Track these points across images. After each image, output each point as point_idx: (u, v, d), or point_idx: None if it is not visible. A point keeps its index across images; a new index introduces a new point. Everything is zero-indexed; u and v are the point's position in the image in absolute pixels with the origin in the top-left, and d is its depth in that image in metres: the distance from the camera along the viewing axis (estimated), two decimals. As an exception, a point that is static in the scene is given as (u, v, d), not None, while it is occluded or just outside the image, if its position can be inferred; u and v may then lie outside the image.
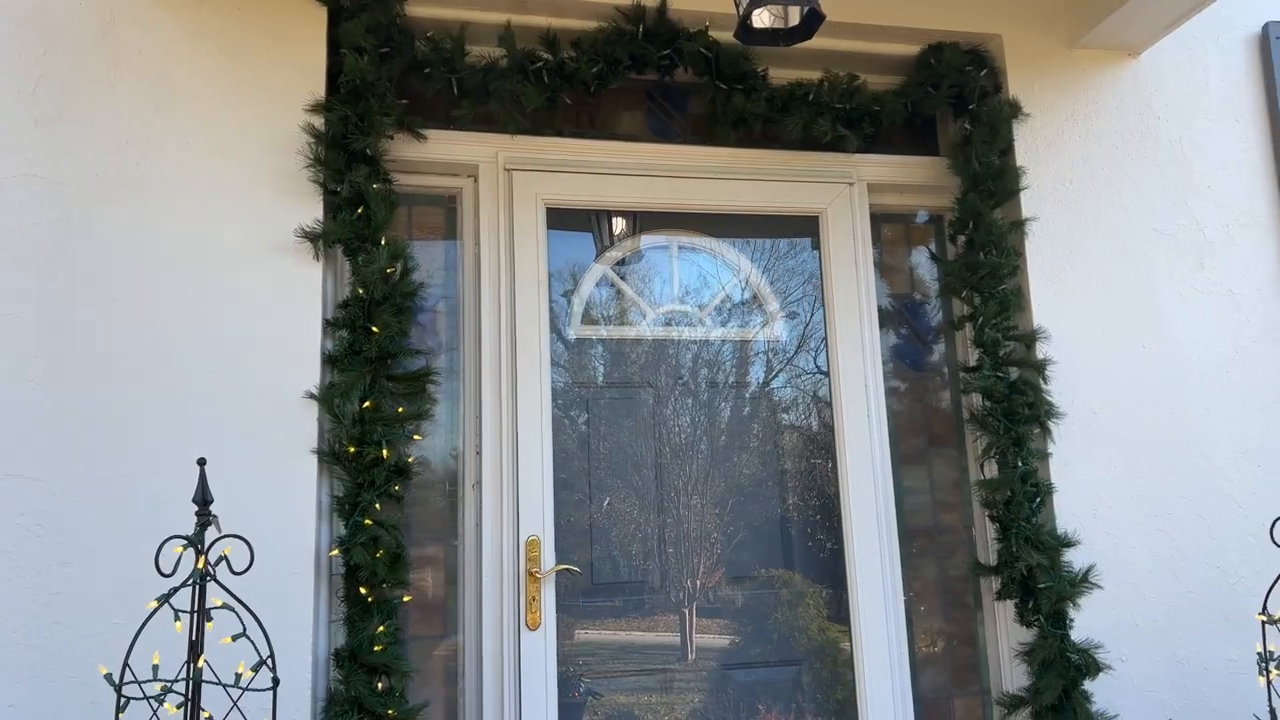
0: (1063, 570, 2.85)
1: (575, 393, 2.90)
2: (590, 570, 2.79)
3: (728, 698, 2.85)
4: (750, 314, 3.09)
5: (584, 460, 2.86)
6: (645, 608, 2.82)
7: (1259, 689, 2.89)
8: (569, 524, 2.79)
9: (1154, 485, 3.02)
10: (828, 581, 2.98)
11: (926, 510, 3.16)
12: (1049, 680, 2.77)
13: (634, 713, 2.76)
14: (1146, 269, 3.15)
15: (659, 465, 2.92)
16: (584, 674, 2.75)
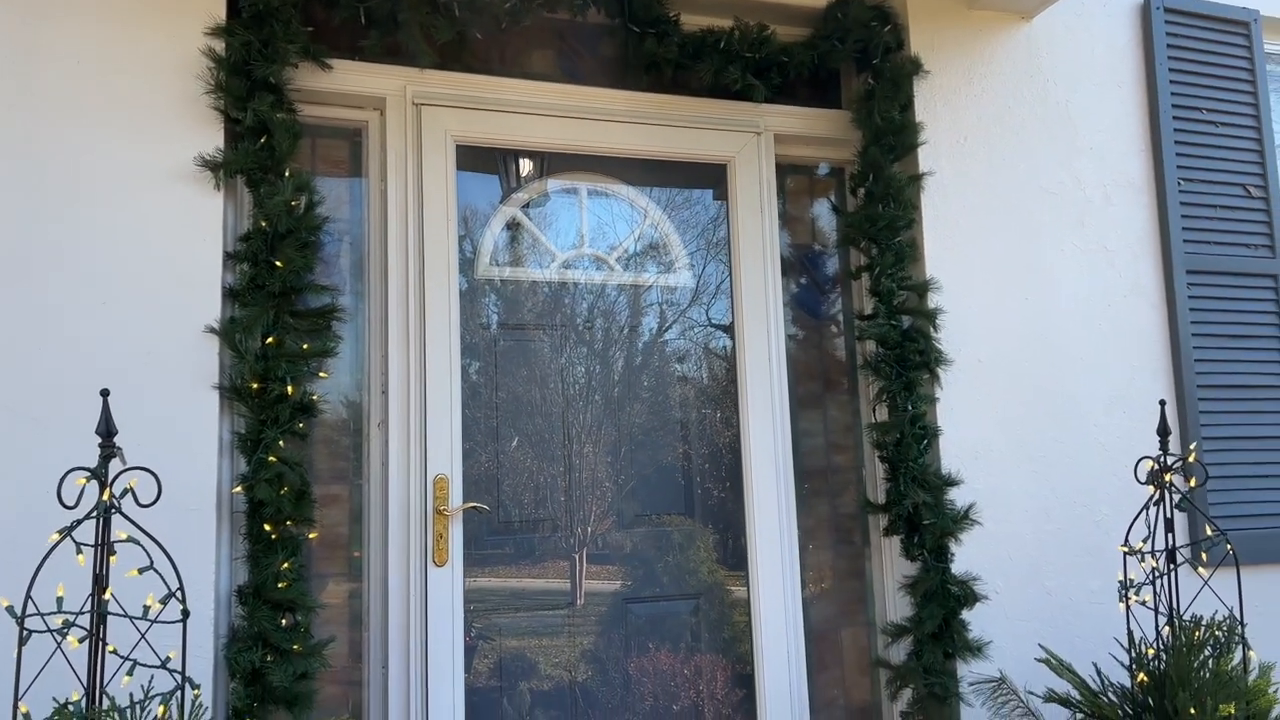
0: (946, 508, 3.02)
1: (481, 334, 2.90)
2: (498, 509, 2.82)
3: (619, 638, 2.94)
4: (656, 261, 3.14)
5: (490, 402, 2.88)
6: (537, 554, 2.87)
7: (1117, 616, 3.14)
8: (472, 465, 2.81)
9: (1032, 430, 3.22)
10: (719, 526, 3.08)
11: (821, 452, 3.30)
12: (930, 610, 2.95)
13: (524, 655, 2.83)
14: (1032, 225, 3.32)
15: (565, 406, 2.95)
16: (475, 619, 2.79)
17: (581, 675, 2.86)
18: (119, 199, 2.41)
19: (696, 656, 2.99)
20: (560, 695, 2.83)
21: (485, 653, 2.79)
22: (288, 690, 2.34)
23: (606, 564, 2.96)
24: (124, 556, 1.95)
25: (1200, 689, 2.27)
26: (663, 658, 2.97)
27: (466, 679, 2.73)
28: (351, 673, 2.67)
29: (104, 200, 2.40)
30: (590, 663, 2.89)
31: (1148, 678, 2.42)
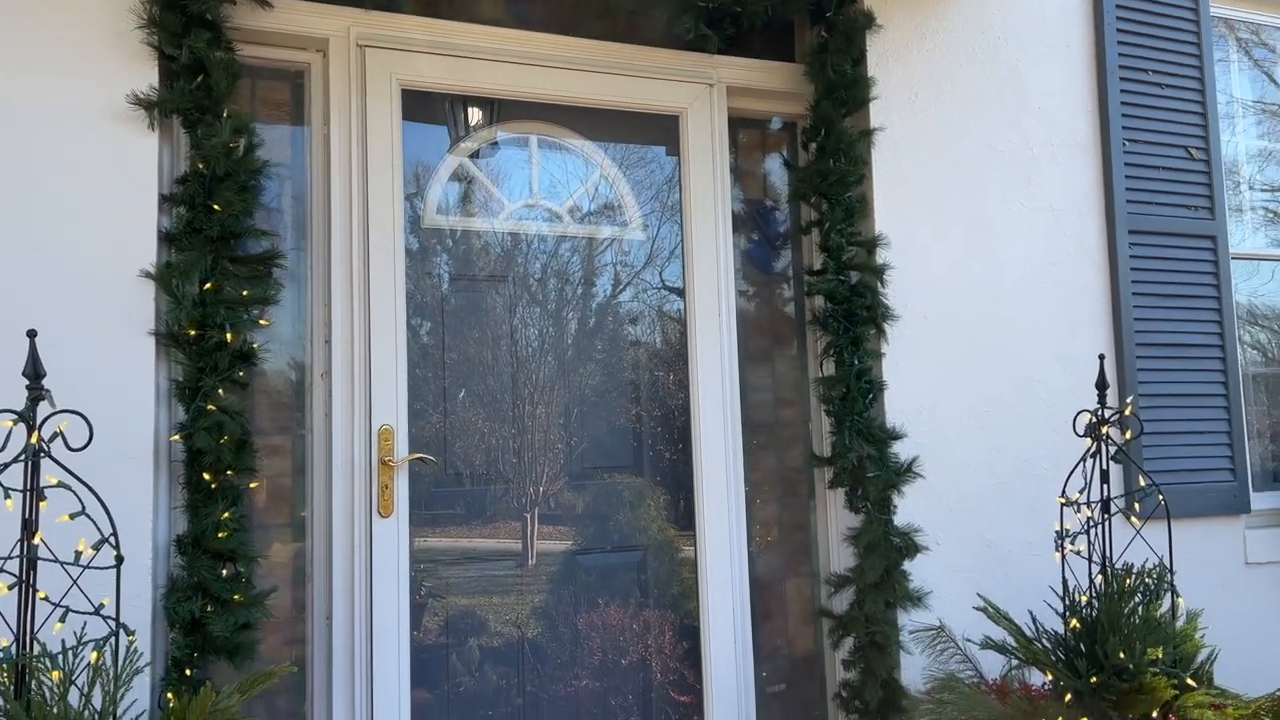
0: (890, 461, 3.06)
1: (429, 285, 2.86)
2: (446, 465, 2.80)
3: (569, 594, 2.95)
4: (610, 218, 3.11)
5: (438, 357, 2.84)
6: (488, 513, 2.86)
7: (1053, 567, 3.22)
8: (421, 421, 2.78)
9: (975, 385, 3.27)
10: (669, 484, 3.09)
11: (769, 407, 3.32)
12: (873, 561, 3.00)
13: (474, 612, 2.83)
14: (980, 183, 3.35)
15: (516, 363, 2.93)
16: (425, 577, 2.79)
17: (531, 631, 2.88)
18: (49, 137, 2.32)
19: (645, 611, 3.01)
20: (510, 651, 2.84)
21: (435, 610, 2.79)
22: (229, 640, 2.32)
23: (558, 523, 2.96)
24: (56, 503, 1.90)
25: (1130, 634, 2.34)
26: (612, 613, 2.99)
27: (416, 636, 2.73)
28: (295, 624, 2.65)
29: (32, 139, 2.31)
30: (540, 619, 2.90)
31: (1080, 624, 2.48)
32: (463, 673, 2.80)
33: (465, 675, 2.80)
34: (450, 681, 2.78)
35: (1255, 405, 3.93)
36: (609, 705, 2.94)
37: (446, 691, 2.77)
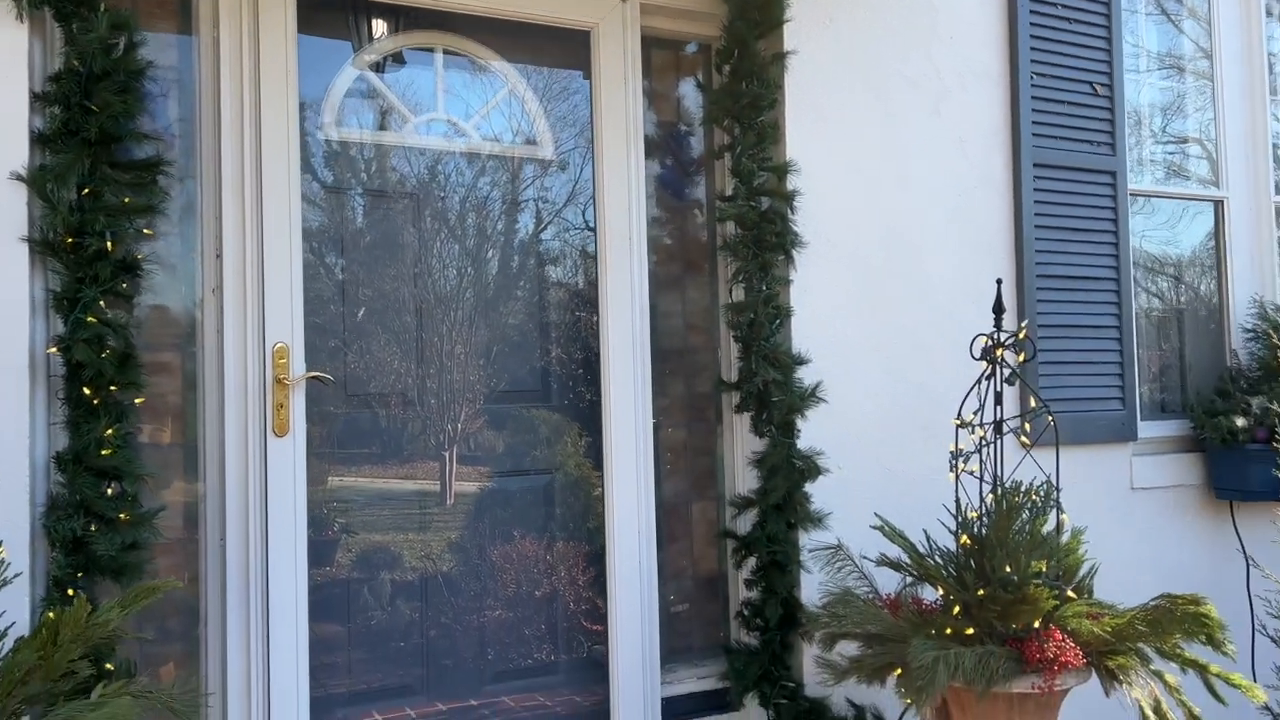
0: (794, 386, 3.10)
1: (325, 200, 2.76)
2: (344, 382, 2.74)
3: (484, 527, 2.94)
4: (516, 132, 3.03)
5: (337, 273, 2.76)
6: (404, 454, 2.82)
7: (949, 491, 3.31)
8: (319, 338, 2.71)
9: (881, 313, 3.31)
10: (587, 424, 3.08)
11: (679, 333, 3.32)
12: (776, 483, 3.05)
13: (389, 548, 2.81)
14: (891, 111, 3.35)
15: (417, 279, 2.86)
16: (338, 515, 2.75)
17: (446, 565, 2.87)
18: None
19: (560, 543, 3.02)
20: (424, 584, 2.83)
21: (349, 545, 2.77)
22: (115, 560, 2.25)
23: (475, 455, 2.92)
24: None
25: (1016, 549, 2.43)
26: (527, 545, 2.99)
27: (329, 570, 2.71)
28: (189, 547, 2.58)
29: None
30: (455, 552, 2.90)
31: (971, 540, 2.57)
32: (375, 606, 2.78)
33: (378, 609, 2.78)
34: (363, 614, 2.76)
35: (1146, 339, 4.08)
36: (523, 634, 2.95)
37: (359, 624, 2.75)
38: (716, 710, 3.22)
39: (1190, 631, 2.23)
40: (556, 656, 2.99)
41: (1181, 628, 2.23)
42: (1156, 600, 2.37)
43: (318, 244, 2.74)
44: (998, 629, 2.43)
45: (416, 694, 2.82)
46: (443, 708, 2.85)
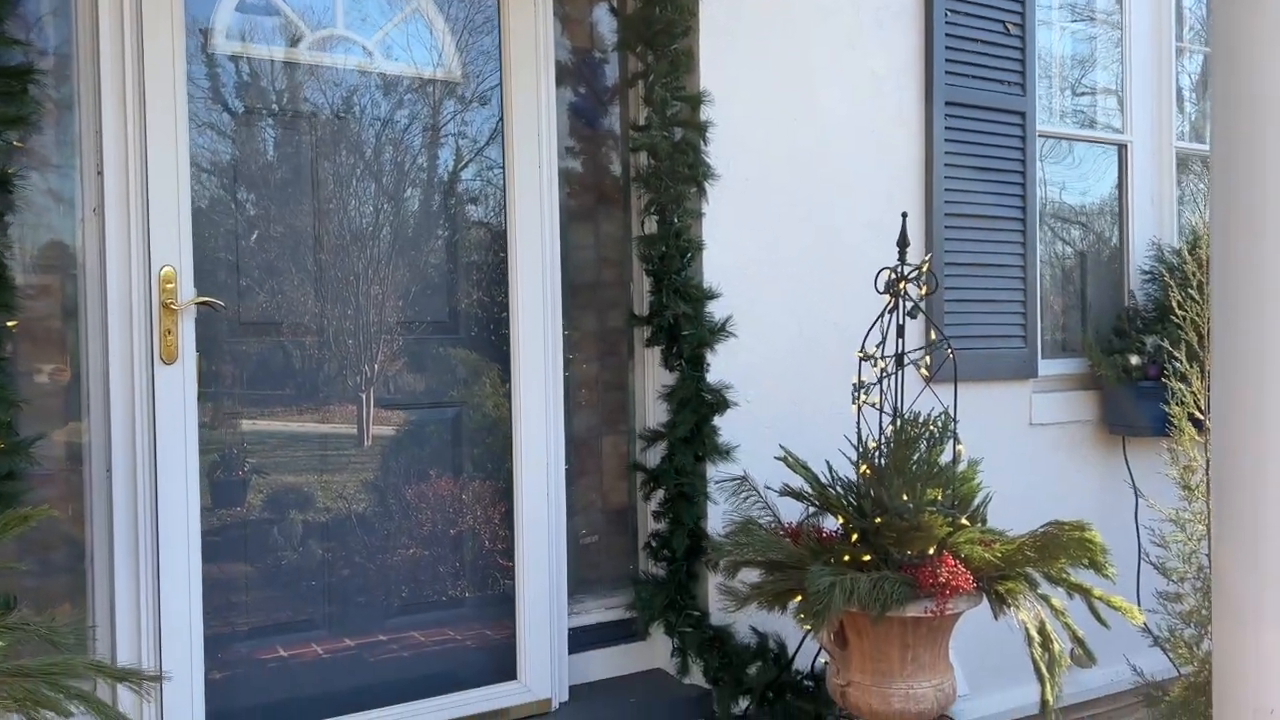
0: (705, 320, 3.10)
1: (217, 119, 2.63)
2: (238, 307, 2.64)
3: (397, 467, 2.89)
4: (417, 44, 2.92)
5: (231, 194, 2.65)
6: (312, 390, 2.75)
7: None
8: (208, 260, 2.60)
9: (792, 247, 3.31)
10: (505, 363, 3.02)
11: (591, 266, 3.28)
12: (684, 416, 3.06)
13: (302, 489, 2.75)
14: (807, 44, 3.32)
15: (315, 199, 2.76)
16: (249, 455, 2.69)
17: (356, 504, 2.82)
18: None
19: (474, 479, 2.99)
20: (332, 523, 2.78)
21: (259, 487, 2.71)
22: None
23: (383, 390, 2.86)
24: None
25: (912, 477, 2.48)
26: (441, 483, 2.96)
27: (239, 511, 2.65)
28: (72, 476, 2.48)
29: None
30: (366, 491, 2.85)
31: (870, 470, 2.61)
32: (285, 545, 2.72)
33: (288, 549, 2.72)
34: (272, 554, 2.71)
35: (1051, 280, 4.17)
36: (435, 571, 2.93)
37: (269, 563, 2.71)
38: (624, 640, 3.26)
39: (1074, 556, 2.31)
40: (468, 592, 2.98)
41: (1067, 553, 2.31)
42: (1045, 527, 2.45)
43: (212, 166, 2.61)
44: (894, 556, 2.49)
45: (323, 629, 2.79)
46: (350, 643, 2.82)
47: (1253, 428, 1.90)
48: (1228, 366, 1.95)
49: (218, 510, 2.63)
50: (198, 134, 2.57)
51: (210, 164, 2.61)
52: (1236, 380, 1.94)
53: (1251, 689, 1.94)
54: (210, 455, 2.61)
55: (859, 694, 2.57)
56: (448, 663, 2.92)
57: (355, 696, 2.76)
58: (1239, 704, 1.97)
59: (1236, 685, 1.98)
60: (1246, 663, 1.96)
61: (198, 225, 2.55)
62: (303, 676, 2.73)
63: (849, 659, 2.61)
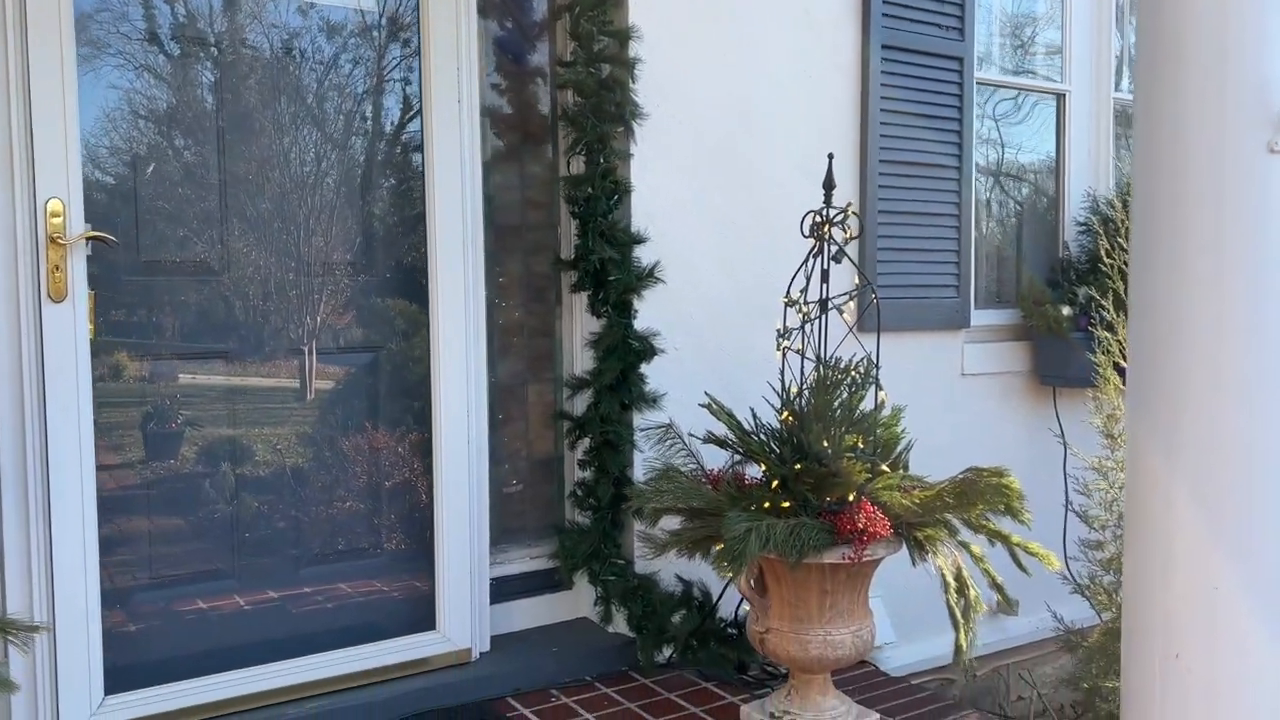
0: (632, 265, 3.02)
1: (115, 43, 2.48)
2: (136, 244, 2.51)
3: (326, 419, 2.80)
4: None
5: (131, 122, 2.50)
6: (227, 336, 2.63)
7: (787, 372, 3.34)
8: (101, 192, 2.46)
9: (722, 192, 3.24)
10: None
11: (517, 208, 3.18)
12: (610, 364, 2.99)
13: (240, 441, 2.66)
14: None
15: (221, 141, 2.62)
16: (184, 408, 2.59)
17: (280, 456, 2.72)
18: None
19: (405, 430, 2.90)
20: (254, 476, 2.69)
21: (192, 439, 2.61)
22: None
23: (305, 335, 2.75)
24: None
25: (831, 423, 2.44)
26: (373, 435, 2.87)
27: (171, 464, 2.56)
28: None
29: None
30: (307, 445, 2.77)
31: (791, 416, 2.57)
32: (217, 499, 2.62)
33: (221, 502, 2.63)
34: (205, 508, 2.62)
35: (986, 230, 4.16)
36: (363, 523, 2.85)
37: (201, 517, 2.62)
38: (549, 589, 3.22)
39: (991, 503, 2.30)
40: (389, 542, 2.91)
41: (984, 499, 2.29)
42: (964, 473, 2.43)
43: (103, 93, 2.46)
44: (812, 502, 2.46)
45: (245, 581, 2.70)
46: (274, 595, 2.74)
47: (1168, 372, 1.89)
48: (1144, 306, 1.93)
49: (123, 457, 2.52)
50: (101, 64, 2.42)
51: (98, 89, 2.46)
52: (1151, 320, 1.92)
53: (1160, 635, 1.95)
54: (110, 398, 2.49)
55: (777, 641, 2.55)
56: (369, 613, 2.86)
57: (273, 647, 2.69)
58: (1148, 650, 1.98)
59: (1145, 632, 1.99)
60: (1154, 612, 1.97)
61: (101, 160, 2.41)
62: (220, 628, 2.65)
63: (768, 606, 2.59)
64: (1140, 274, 1.92)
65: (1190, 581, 1.89)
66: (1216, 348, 1.82)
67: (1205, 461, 1.85)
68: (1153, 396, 1.93)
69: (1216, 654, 1.88)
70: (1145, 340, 1.95)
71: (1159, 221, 1.88)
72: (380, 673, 2.77)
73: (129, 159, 2.50)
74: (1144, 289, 1.91)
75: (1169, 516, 1.91)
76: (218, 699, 2.53)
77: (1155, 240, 1.89)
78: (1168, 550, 1.93)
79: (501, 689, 2.87)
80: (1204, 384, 1.85)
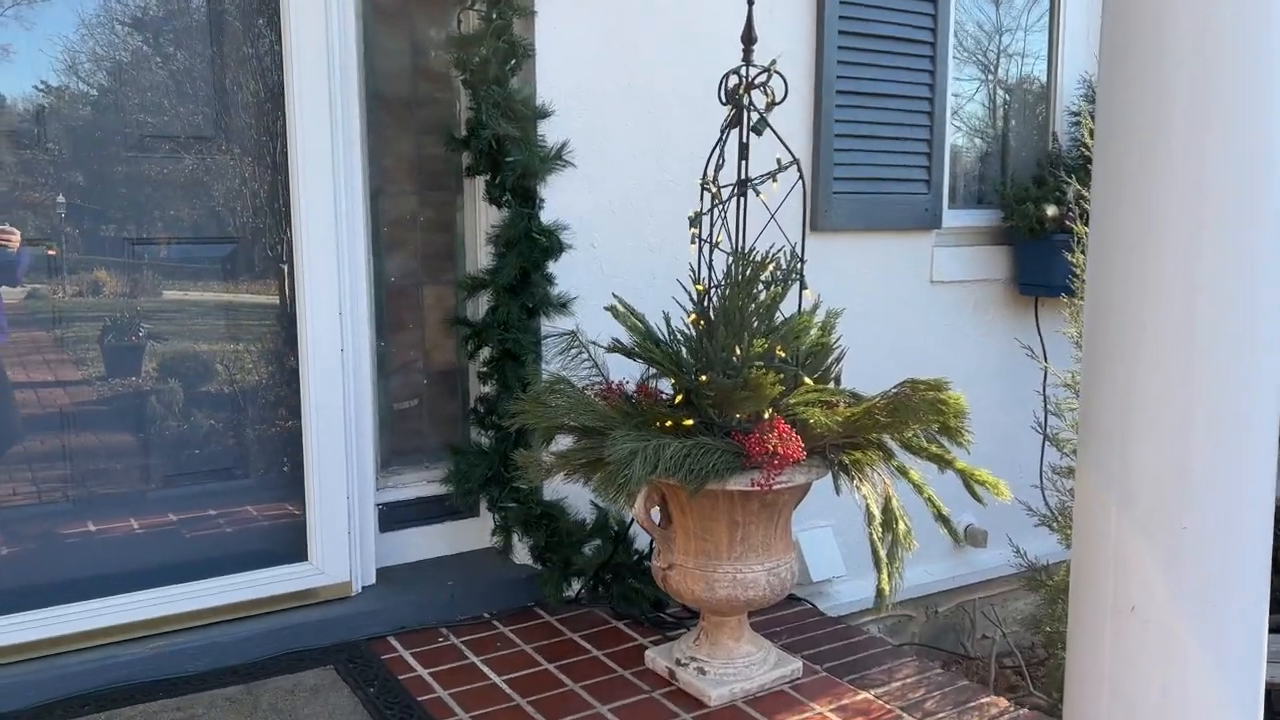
0: (535, 145, 2.59)
1: None
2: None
3: (189, 323, 2.42)
4: None
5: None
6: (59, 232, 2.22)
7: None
8: None
9: (646, 64, 2.79)
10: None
11: (406, 77, 2.74)
12: (509, 260, 2.59)
13: (74, 348, 2.27)
14: None
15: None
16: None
17: (126, 372, 2.36)
18: None
19: (261, 337, 2.52)
20: (109, 397, 2.31)
21: (15, 346, 2.25)
22: None
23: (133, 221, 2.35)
24: None
25: (740, 327, 2.04)
26: (243, 343, 2.49)
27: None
28: None
29: None
30: (157, 354, 2.37)
31: (700, 320, 2.17)
32: (51, 423, 2.27)
33: (55, 425, 2.28)
34: (39, 428, 2.32)
35: (968, 121, 3.69)
36: (222, 443, 2.49)
37: (31, 438, 2.29)
38: (450, 516, 2.88)
39: (925, 421, 1.91)
40: (257, 465, 2.55)
41: (915, 416, 1.90)
42: (898, 387, 2.04)
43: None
44: (719, 421, 2.07)
45: (81, 508, 2.35)
46: (114, 523, 2.39)
47: (1134, 281, 1.47)
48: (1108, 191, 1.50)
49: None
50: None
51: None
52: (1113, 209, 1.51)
53: (1111, 582, 1.57)
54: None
55: (681, 578, 2.20)
56: (231, 544, 2.52)
57: (107, 581, 2.35)
58: (1097, 600, 1.60)
59: (1094, 579, 1.61)
60: (1105, 553, 1.59)
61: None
62: (41, 560, 2.31)
63: (672, 539, 2.23)
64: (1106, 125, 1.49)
65: (1152, 515, 1.51)
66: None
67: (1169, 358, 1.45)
68: (1110, 309, 1.52)
69: (1179, 607, 1.50)
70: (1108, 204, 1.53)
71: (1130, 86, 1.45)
72: (234, 609, 2.43)
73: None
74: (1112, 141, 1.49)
75: (1124, 429, 1.52)
76: (31, 639, 2.20)
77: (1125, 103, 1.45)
78: (1124, 472, 1.54)
79: (383, 627, 2.54)
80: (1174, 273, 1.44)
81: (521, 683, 2.29)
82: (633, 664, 2.39)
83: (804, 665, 2.36)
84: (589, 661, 2.41)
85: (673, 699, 2.22)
